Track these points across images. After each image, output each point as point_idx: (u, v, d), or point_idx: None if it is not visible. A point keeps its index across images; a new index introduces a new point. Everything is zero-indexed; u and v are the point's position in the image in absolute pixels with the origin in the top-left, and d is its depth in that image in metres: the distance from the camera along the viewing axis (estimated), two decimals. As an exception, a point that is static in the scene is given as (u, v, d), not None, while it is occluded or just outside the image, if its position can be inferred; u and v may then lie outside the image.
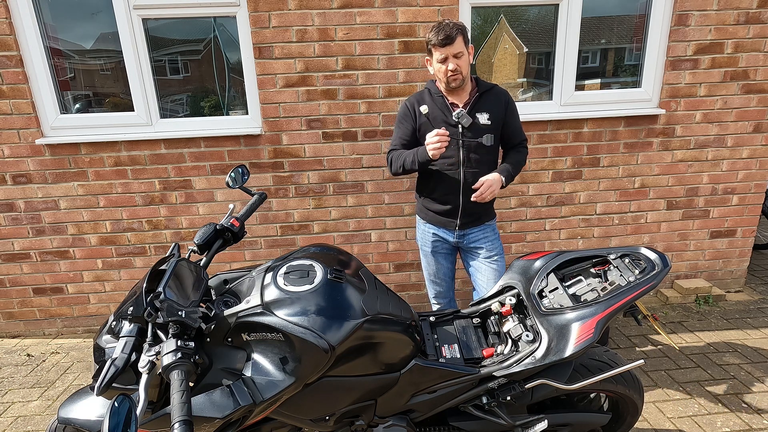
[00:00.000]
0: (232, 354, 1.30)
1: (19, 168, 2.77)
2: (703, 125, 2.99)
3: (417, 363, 1.44)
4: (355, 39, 2.65)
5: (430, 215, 2.15)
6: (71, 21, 2.65)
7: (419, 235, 2.26)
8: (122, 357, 1.06)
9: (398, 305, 1.48)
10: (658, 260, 1.54)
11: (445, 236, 2.15)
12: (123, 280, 3.05)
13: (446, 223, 2.11)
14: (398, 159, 2.02)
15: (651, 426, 2.14)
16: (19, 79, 2.61)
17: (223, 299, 1.42)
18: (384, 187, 2.94)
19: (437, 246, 2.19)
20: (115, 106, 2.82)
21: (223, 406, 1.20)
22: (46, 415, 2.36)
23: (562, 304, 1.52)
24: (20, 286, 3.02)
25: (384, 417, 1.51)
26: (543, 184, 3.02)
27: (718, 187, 3.14)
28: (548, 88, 2.94)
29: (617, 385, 1.64)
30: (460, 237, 2.13)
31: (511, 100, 2.07)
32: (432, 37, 1.85)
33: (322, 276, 1.36)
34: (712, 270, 3.36)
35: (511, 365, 1.46)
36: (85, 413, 1.40)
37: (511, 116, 2.07)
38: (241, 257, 3.05)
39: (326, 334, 1.24)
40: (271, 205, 2.94)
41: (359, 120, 2.80)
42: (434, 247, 2.20)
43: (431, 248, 2.20)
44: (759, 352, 2.65)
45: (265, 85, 2.70)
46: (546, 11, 2.81)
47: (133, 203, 2.88)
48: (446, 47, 1.84)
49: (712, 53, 2.84)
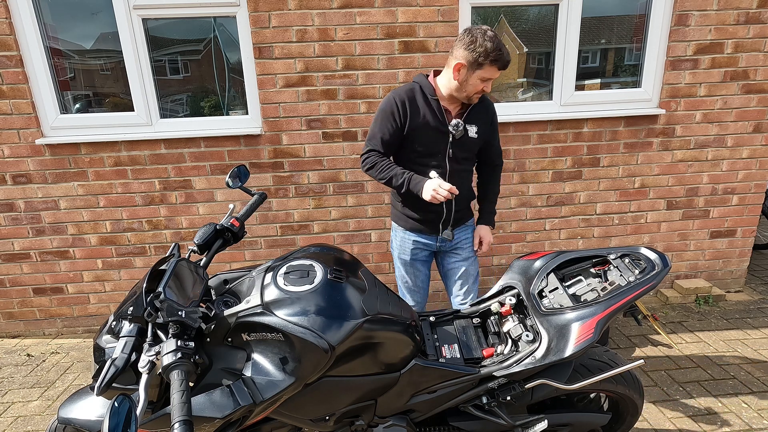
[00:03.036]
0: (232, 354, 1.30)
1: (19, 168, 2.77)
2: (703, 125, 2.99)
3: (417, 363, 1.44)
4: (355, 39, 2.65)
5: (410, 223, 2.03)
6: (71, 21, 2.65)
7: (397, 244, 2.11)
8: (122, 357, 1.05)
9: (398, 305, 1.48)
10: (658, 260, 1.54)
11: (427, 242, 2.05)
12: (123, 280, 3.05)
13: (430, 230, 2.02)
14: (384, 171, 1.86)
15: (651, 426, 2.14)
16: (19, 79, 2.61)
17: (223, 299, 1.42)
18: (384, 187, 2.94)
19: (417, 253, 2.08)
20: (115, 106, 2.82)
21: (223, 406, 1.20)
22: (46, 415, 2.36)
23: (562, 304, 1.52)
24: (20, 286, 3.02)
25: (384, 417, 1.51)
26: (543, 184, 3.02)
27: (718, 187, 3.14)
28: (548, 88, 2.94)
29: (617, 385, 1.64)
30: (442, 241, 2.06)
31: (496, 114, 2.00)
32: (494, 56, 1.68)
33: (322, 276, 1.36)
34: (712, 270, 3.36)
35: (511, 365, 1.46)
36: (85, 413, 1.40)
37: (494, 132, 2.02)
38: (241, 257, 3.05)
39: (326, 334, 1.24)
40: (271, 205, 2.94)
41: (359, 120, 2.80)
42: (414, 255, 2.08)
43: (410, 256, 2.08)
44: (759, 352, 2.65)
45: (265, 85, 2.70)
46: (546, 11, 2.81)
47: (133, 203, 2.88)
48: (500, 71, 1.74)
49: (712, 53, 2.84)
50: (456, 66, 1.74)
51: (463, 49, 1.71)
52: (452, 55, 1.77)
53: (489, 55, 1.67)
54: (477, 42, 1.68)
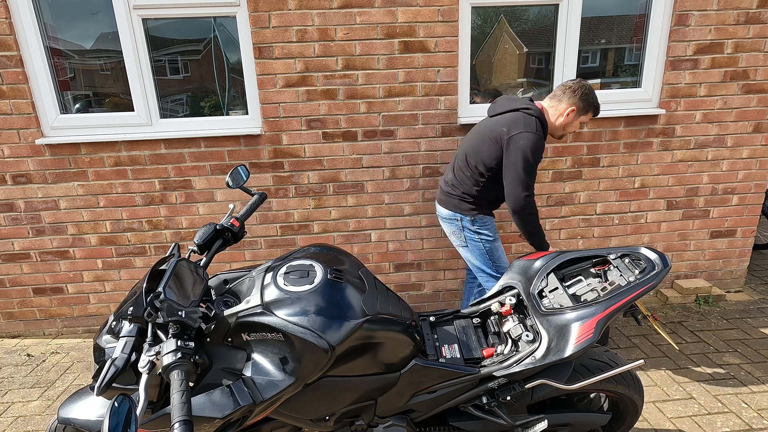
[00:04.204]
0: (232, 354, 1.30)
1: (19, 168, 2.77)
2: (703, 125, 2.99)
3: (417, 363, 1.44)
4: (355, 39, 2.66)
5: (492, 210, 2.34)
6: (71, 21, 2.65)
7: (491, 229, 2.30)
8: (122, 357, 1.05)
9: (398, 305, 1.48)
10: (658, 260, 1.54)
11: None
12: (123, 280, 3.05)
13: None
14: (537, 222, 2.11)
15: (651, 426, 2.14)
16: (19, 79, 2.61)
17: (223, 299, 1.42)
18: (384, 187, 2.94)
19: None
20: (115, 106, 2.82)
21: (223, 406, 1.20)
22: (46, 415, 2.36)
23: (562, 304, 1.52)
24: (20, 286, 3.02)
25: (384, 417, 1.51)
26: (543, 184, 3.02)
27: (718, 187, 3.14)
28: (548, 88, 2.94)
29: (617, 385, 1.64)
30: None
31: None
32: (597, 106, 2.13)
33: (322, 276, 1.36)
34: (712, 270, 3.36)
35: (511, 365, 1.46)
36: (85, 413, 1.40)
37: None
38: (241, 257, 3.05)
39: (326, 333, 1.24)
40: (271, 205, 2.94)
41: (359, 120, 2.80)
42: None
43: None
44: (759, 352, 2.65)
45: (265, 85, 2.70)
46: (546, 11, 2.81)
47: (133, 203, 2.88)
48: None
49: (712, 53, 2.84)
50: (570, 111, 2.11)
51: (578, 99, 2.10)
52: (562, 101, 2.13)
53: (596, 107, 2.13)
54: (589, 95, 2.10)
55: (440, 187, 2.43)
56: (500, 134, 2.09)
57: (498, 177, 2.16)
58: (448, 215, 2.34)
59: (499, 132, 2.09)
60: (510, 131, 2.05)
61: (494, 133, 2.11)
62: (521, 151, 2.01)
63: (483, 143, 2.16)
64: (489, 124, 2.19)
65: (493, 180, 2.19)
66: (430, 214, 3.02)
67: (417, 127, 2.83)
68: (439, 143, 2.87)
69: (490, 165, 2.15)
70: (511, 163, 2.04)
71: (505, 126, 2.08)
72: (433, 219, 3.03)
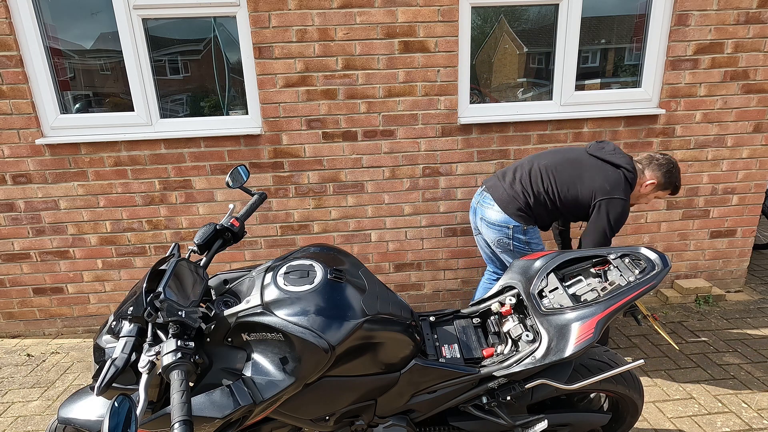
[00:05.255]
0: (232, 354, 1.30)
1: (19, 168, 2.77)
2: (703, 125, 2.99)
3: (417, 363, 1.44)
4: (355, 39, 2.66)
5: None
6: (71, 21, 2.65)
7: (538, 236, 2.29)
8: (122, 357, 1.06)
9: (398, 305, 1.48)
10: (658, 260, 1.54)
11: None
12: (123, 280, 3.05)
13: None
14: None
15: (651, 426, 2.14)
16: (19, 79, 2.61)
17: (223, 299, 1.42)
18: (384, 187, 2.94)
19: None
20: (115, 106, 2.82)
21: (223, 406, 1.20)
22: (46, 415, 2.36)
23: (562, 304, 1.52)
24: (20, 286, 3.02)
25: (384, 417, 1.51)
26: (543, 184, 3.02)
27: (718, 187, 3.14)
28: (548, 88, 2.94)
29: (617, 385, 1.64)
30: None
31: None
32: (678, 187, 2.17)
33: (322, 276, 1.36)
34: (712, 270, 3.36)
35: (511, 365, 1.46)
36: (85, 413, 1.40)
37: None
38: (241, 257, 3.05)
39: (326, 333, 1.24)
40: (271, 205, 2.94)
41: (359, 120, 2.80)
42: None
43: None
44: (759, 352, 2.65)
45: (265, 85, 2.70)
46: (546, 11, 2.81)
47: (133, 203, 2.88)
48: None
49: (712, 53, 2.84)
50: (650, 184, 2.15)
51: (662, 174, 2.13)
52: (645, 171, 2.15)
53: (678, 188, 2.18)
54: (674, 174, 2.13)
55: (500, 187, 2.26)
56: (600, 190, 2.09)
57: (568, 210, 2.19)
58: (500, 221, 2.21)
59: (601, 187, 2.09)
60: (612, 193, 2.06)
61: (595, 183, 2.10)
62: (613, 217, 2.07)
63: (579, 181, 2.13)
64: (591, 164, 2.16)
65: (562, 208, 2.20)
66: (430, 213, 3.02)
67: (417, 127, 2.84)
68: (439, 143, 2.87)
69: (572, 200, 2.16)
70: (600, 225, 2.09)
71: (608, 185, 2.08)
72: (433, 219, 3.03)
